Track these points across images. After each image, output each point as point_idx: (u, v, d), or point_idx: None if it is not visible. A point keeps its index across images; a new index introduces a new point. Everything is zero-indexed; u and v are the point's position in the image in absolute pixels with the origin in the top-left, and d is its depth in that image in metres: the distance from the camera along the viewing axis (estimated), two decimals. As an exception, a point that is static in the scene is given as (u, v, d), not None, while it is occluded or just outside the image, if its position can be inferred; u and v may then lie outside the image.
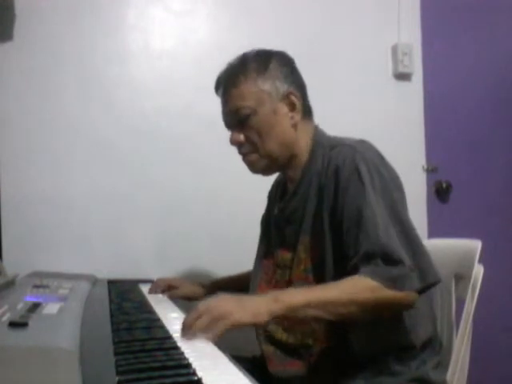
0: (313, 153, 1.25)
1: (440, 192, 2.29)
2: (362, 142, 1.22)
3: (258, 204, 1.51)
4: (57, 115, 1.87)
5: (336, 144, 1.21)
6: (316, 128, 1.30)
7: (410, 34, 2.24)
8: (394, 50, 2.22)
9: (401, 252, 1.06)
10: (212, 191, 1.99)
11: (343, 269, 1.10)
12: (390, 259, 1.05)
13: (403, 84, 2.25)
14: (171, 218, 1.95)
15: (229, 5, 2.07)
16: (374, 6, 2.22)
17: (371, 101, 2.18)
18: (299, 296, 1.03)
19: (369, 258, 1.07)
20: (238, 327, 0.95)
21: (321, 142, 1.26)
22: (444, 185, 2.28)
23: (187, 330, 0.93)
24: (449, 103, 2.31)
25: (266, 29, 2.03)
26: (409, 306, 1.08)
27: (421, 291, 1.08)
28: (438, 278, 1.08)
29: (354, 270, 1.07)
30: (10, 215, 1.81)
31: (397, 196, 1.14)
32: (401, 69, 2.21)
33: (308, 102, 1.31)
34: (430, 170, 2.27)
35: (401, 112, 2.23)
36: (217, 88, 1.30)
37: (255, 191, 1.63)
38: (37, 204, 1.83)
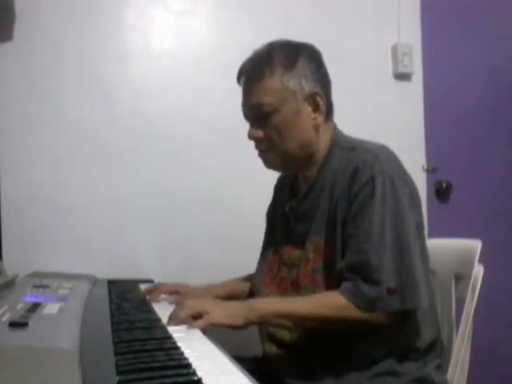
0: (330, 152, 1.23)
1: (440, 192, 2.29)
2: (383, 149, 1.19)
3: (258, 204, 1.51)
4: (57, 115, 1.87)
5: (355, 146, 1.19)
6: (335, 127, 1.28)
7: (410, 34, 2.24)
8: (394, 50, 2.22)
9: (384, 273, 1.06)
10: (212, 191, 1.99)
11: None
12: (369, 278, 1.07)
13: (403, 84, 2.25)
14: (171, 218, 1.95)
15: (229, 5, 2.07)
16: (374, 6, 2.22)
17: (371, 101, 2.18)
18: (270, 306, 1.11)
19: (351, 270, 1.09)
20: (215, 326, 1.05)
21: (339, 141, 1.23)
22: (444, 185, 2.28)
23: (172, 321, 1.05)
24: (449, 103, 2.31)
25: (265, 29, 2.03)
26: (378, 326, 1.09)
27: (400, 312, 1.08)
28: (417, 306, 1.09)
29: (339, 279, 1.11)
30: (10, 215, 1.81)
31: (408, 213, 1.12)
32: (401, 69, 2.21)
33: (331, 99, 1.27)
34: (430, 170, 2.27)
35: (401, 112, 2.23)
36: (239, 77, 1.25)
37: (255, 191, 1.63)
38: (37, 204, 1.84)
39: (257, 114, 1.21)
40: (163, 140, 1.96)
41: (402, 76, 2.24)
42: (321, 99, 1.20)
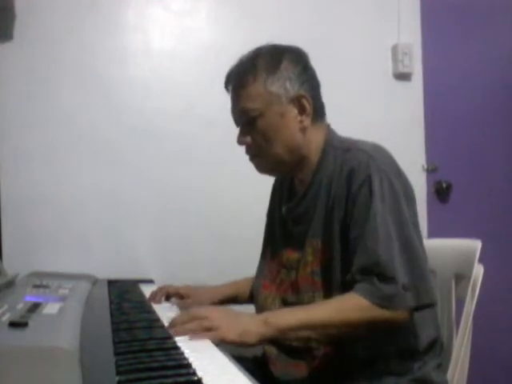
0: (324, 154, 1.22)
1: (440, 192, 2.29)
2: (377, 148, 1.19)
3: (258, 204, 1.51)
4: (56, 115, 1.87)
5: (350, 147, 1.19)
6: (328, 128, 1.27)
7: (410, 34, 2.24)
8: (394, 50, 2.22)
9: (397, 270, 1.05)
10: (212, 191, 1.99)
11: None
12: (384, 276, 1.05)
13: (403, 84, 2.25)
14: (171, 218, 1.96)
15: (229, 5, 2.07)
16: (374, 6, 2.22)
17: (371, 101, 2.18)
18: (290, 318, 1.04)
19: (364, 272, 1.07)
20: (223, 343, 0.95)
21: (333, 143, 1.23)
22: (444, 185, 2.28)
23: (174, 328, 0.97)
24: (449, 103, 2.31)
25: (266, 29, 2.03)
26: (400, 323, 1.07)
27: (414, 309, 1.08)
28: (432, 300, 1.08)
29: (351, 283, 1.08)
30: (10, 215, 1.81)
31: (406, 210, 1.11)
32: (401, 69, 2.21)
33: (321, 101, 1.26)
34: (430, 170, 2.27)
35: (401, 112, 2.23)
36: (226, 84, 1.26)
37: (255, 191, 1.63)
38: (37, 204, 1.84)
39: (243, 120, 1.22)
40: (163, 140, 1.96)
41: (402, 76, 2.24)
42: (307, 101, 1.19)
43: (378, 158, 1.14)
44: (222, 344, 0.94)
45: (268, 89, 1.18)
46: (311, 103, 1.20)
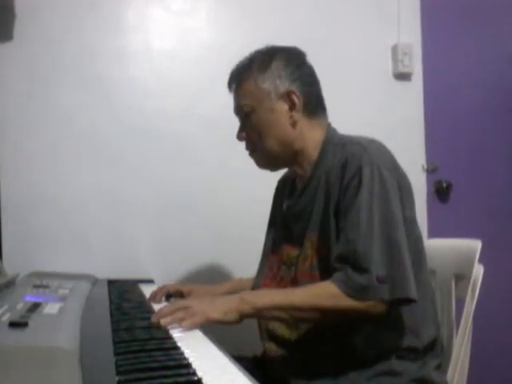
0: (323, 150, 1.25)
1: (440, 192, 2.29)
2: (373, 142, 1.20)
3: (259, 203, 1.51)
4: (56, 115, 1.87)
5: (347, 142, 1.21)
6: (328, 126, 1.30)
7: (410, 34, 2.23)
8: (394, 50, 2.22)
9: (372, 261, 1.06)
10: (212, 191, 1.99)
11: None
12: (358, 267, 1.06)
13: (403, 84, 2.25)
14: (171, 218, 1.96)
15: (229, 5, 2.07)
16: (374, 6, 2.22)
17: (371, 101, 2.18)
18: (265, 298, 1.10)
19: (341, 261, 1.09)
20: (211, 322, 1.03)
21: (332, 139, 1.26)
22: (444, 185, 2.28)
23: (161, 318, 1.01)
24: (449, 103, 2.31)
25: (266, 29, 2.03)
26: (373, 316, 1.07)
27: (392, 305, 1.07)
28: (409, 295, 1.06)
29: (331, 271, 1.10)
30: (10, 215, 1.81)
31: (396, 203, 1.12)
32: (401, 69, 2.21)
33: (318, 97, 1.30)
34: (430, 170, 2.27)
35: (401, 112, 2.23)
36: (229, 85, 1.32)
37: (256, 191, 1.63)
38: (37, 204, 1.84)
39: (240, 116, 1.30)
40: (163, 140, 1.96)
41: (402, 76, 2.24)
42: (296, 97, 1.23)
43: (371, 150, 1.16)
44: (209, 324, 1.02)
45: (259, 86, 1.24)
46: (301, 99, 1.24)
